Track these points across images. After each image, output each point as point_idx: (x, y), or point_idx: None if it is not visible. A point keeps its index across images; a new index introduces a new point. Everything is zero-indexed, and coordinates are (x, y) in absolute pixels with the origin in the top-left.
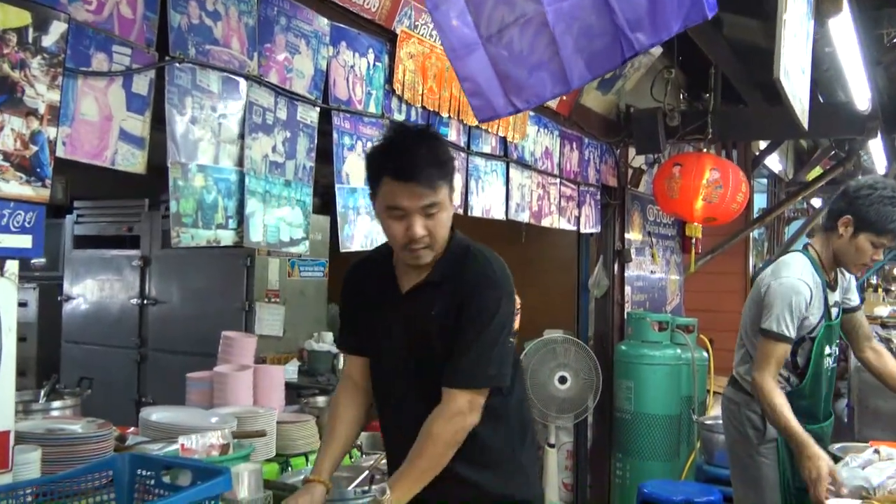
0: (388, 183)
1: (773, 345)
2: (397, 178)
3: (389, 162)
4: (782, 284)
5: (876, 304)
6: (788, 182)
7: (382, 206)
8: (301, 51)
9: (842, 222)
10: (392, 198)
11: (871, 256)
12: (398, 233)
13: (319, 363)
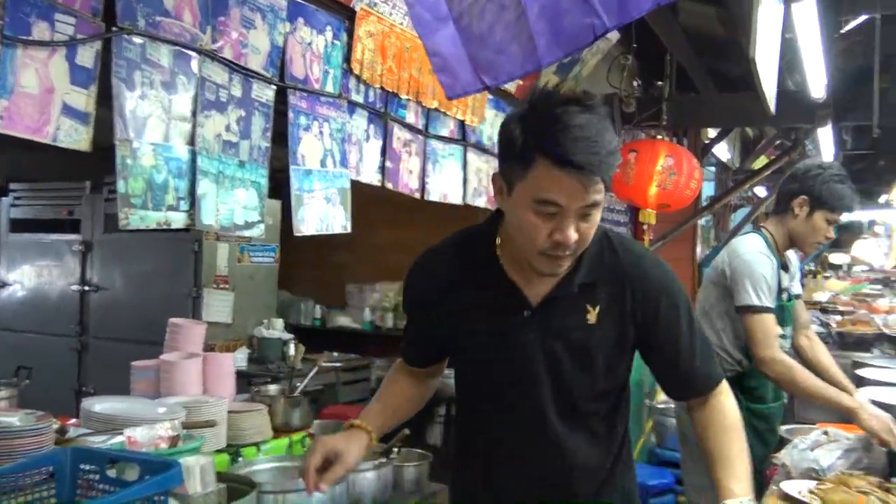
0: (546, 168)
1: (762, 318)
2: (562, 164)
3: (554, 140)
4: (747, 259)
5: (815, 290)
6: (735, 171)
7: (527, 196)
8: (257, 26)
9: (797, 203)
10: (548, 189)
11: (824, 234)
12: (541, 235)
13: (270, 351)
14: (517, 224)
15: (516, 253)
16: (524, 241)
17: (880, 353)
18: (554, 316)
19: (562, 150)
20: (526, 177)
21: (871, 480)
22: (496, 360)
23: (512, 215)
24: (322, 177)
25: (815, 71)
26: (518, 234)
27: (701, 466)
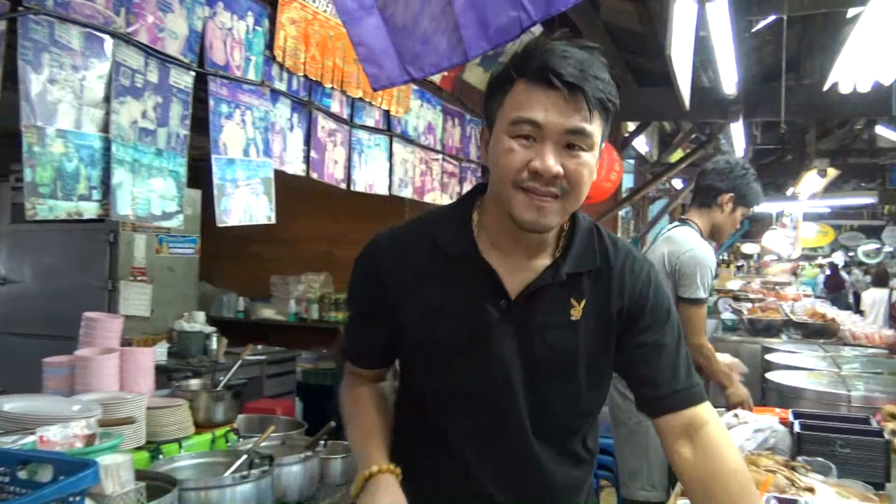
0: (524, 86)
1: (700, 310)
2: (540, 76)
3: (530, 60)
4: (698, 252)
5: (728, 279)
6: (654, 163)
7: (504, 122)
8: (174, 9)
9: (724, 199)
10: (524, 106)
11: (736, 226)
12: (516, 162)
13: (191, 344)
14: (494, 161)
15: (496, 228)
16: (501, 178)
17: (787, 338)
18: (535, 310)
19: (541, 63)
20: (503, 102)
21: (778, 459)
22: (465, 365)
23: (491, 157)
24: (245, 166)
25: (726, 68)
26: (495, 172)
27: (634, 449)
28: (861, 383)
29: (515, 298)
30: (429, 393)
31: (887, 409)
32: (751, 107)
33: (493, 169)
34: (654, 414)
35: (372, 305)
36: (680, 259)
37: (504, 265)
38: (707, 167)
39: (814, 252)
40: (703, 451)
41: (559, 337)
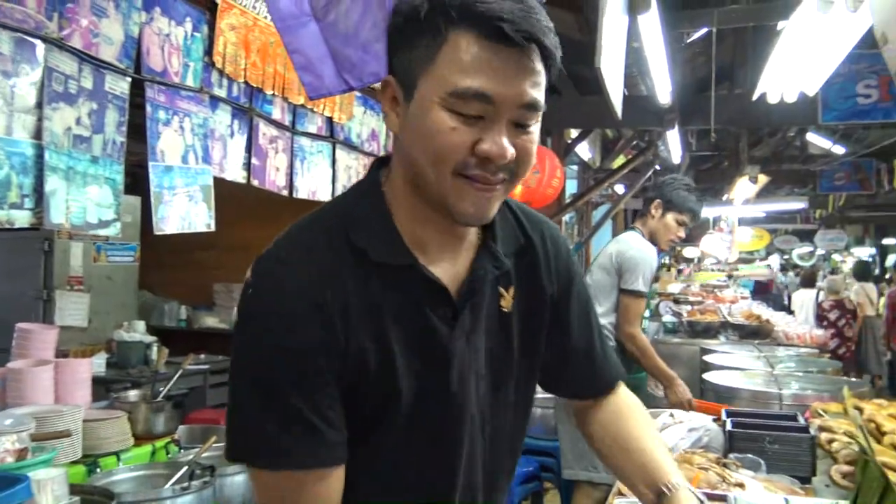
0: (467, 43)
1: (638, 301)
2: (491, 31)
3: (487, 2)
4: (640, 254)
5: (669, 282)
6: (596, 169)
7: (438, 90)
8: (109, 14)
9: (654, 206)
10: (470, 72)
11: (675, 233)
12: (459, 144)
13: (131, 355)
14: (422, 138)
15: (415, 219)
16: (435, 163)
17: (725, 339)
18: (477, 313)
19: (489, 10)
20: (435, 60)
21: (710, 457)
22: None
23: (413, 130)
24: (183, 173)
25: (660, 79)
26: (423, 154)
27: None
28: (792, 382)
29: (458, 300)
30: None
31: (815, 406)
32: (685, 115)
33: (418, 147)
34: (581, 396)
35: (325, 361)
36: (624, 255)
37: (435, 264)
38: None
39: (751, 255)
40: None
41: (495, 337)
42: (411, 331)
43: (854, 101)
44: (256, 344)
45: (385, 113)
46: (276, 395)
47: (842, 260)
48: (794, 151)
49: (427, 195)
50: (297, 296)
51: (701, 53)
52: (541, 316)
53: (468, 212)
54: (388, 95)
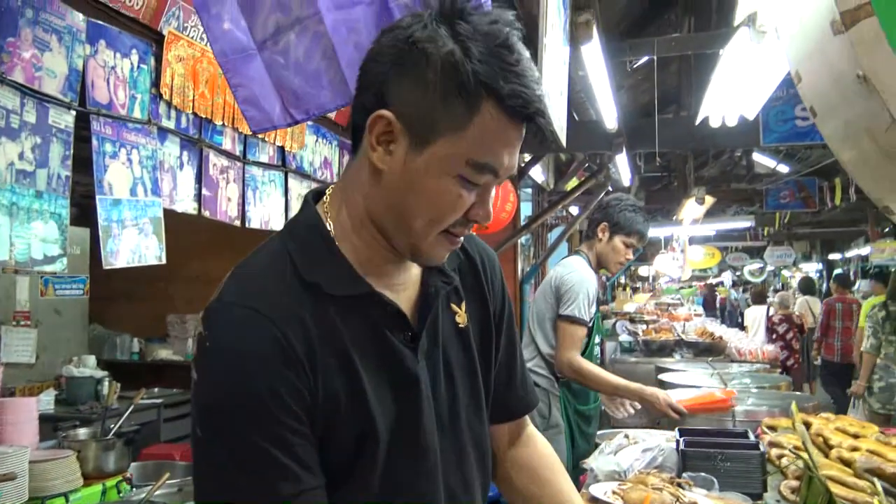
0: (496, 119)
1: (577, 328)
2: (510, 109)
3: (516, 80)
4: (578, 278)
5: (625, 302)
6: (550, 192)
7: (459, 156)
8: (52, 47)
9: (600, 228)
10: (493, 147)
11: (624, 255)
12: (456, 209)
13: (81, 390)
14: (425, 195)
15: (368, 250)
16: (427, 220)
17: (680, 357)
18: (435, 332)
19: (526, 98)
20: (465, 129)
21: (664, 477)
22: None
23: (408, 178)
24: (132, 206)
25: (606, 105)
26: (417, 206)
27: None
28: (745, 398)
29: (415, 324)
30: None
31: (765, 421)
32: (633, 139)
33: (414, 200)
34: (500, 419)
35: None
36: (564, 279)
37: (388, 290)
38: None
39: (704, 273)
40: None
41: (458, 355)
42: (376, 358)
43: (793, 123)
44: (223, 394)
45: (373, 147)
46: (249, 444)
47: (791, 275)
48: (741, 171)
49: (394, 236)
50: (259, 339)
51: (646, 79)
52: (490, 331)
53: (437, 258)
54: (379, 130)
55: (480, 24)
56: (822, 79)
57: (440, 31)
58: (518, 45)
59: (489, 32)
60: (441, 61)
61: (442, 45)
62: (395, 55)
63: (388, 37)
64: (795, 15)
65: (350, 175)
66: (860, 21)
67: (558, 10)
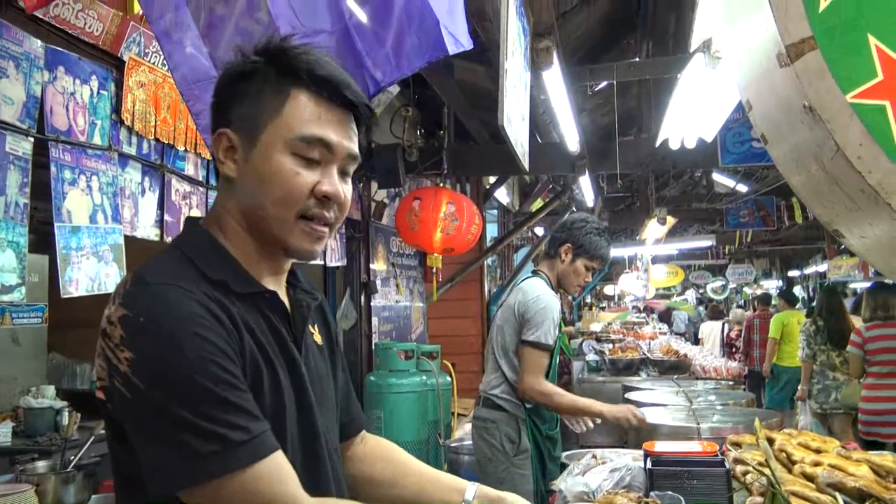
0: (308, 99)
1: (541, 354)
2: (330, 92)
3: (318, 66)
4: (543, 304)
5: (591, 321)
6: (516, 213)
7: (284, 137)
8: (10, 74)
9: (563, 249)
10: (313, 123)
11: (584, 278)
12: (304, 187)
13: (39, 422)
14: (267, 180)
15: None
16: (280, 204)
17: (646, 375)
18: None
19: (327, 76)
20: (281, 112)
21: (632, 497)
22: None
23: (253, 174)
24: (92, 233)
25: (568, 128)
26: (265, 195)
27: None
28: (710, 415)
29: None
30: None
31: (730, 438)
32: (595, 160)
33: (262, 191)
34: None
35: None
36: (527, 306)
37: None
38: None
39: (668, 291)
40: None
41: (321, 363)
42: (277, 348)
43: (749, 144)
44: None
45: (221, 162)
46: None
47: (752, 292)
48: (701, 191)
49: (264, 235)
50: (189, 305)
51: (608, 102)
52: (335, 353)
53: (305, 249)
54: (222, 146)
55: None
56: (770, 107)
57: (253, 58)
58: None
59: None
60: (251, 72)
61: (253, 61)
62: (225, 85)
63: (221, 76)
64: (744, 45)
65: (217, 200)
66: (804, 54)
67: (518, 37)
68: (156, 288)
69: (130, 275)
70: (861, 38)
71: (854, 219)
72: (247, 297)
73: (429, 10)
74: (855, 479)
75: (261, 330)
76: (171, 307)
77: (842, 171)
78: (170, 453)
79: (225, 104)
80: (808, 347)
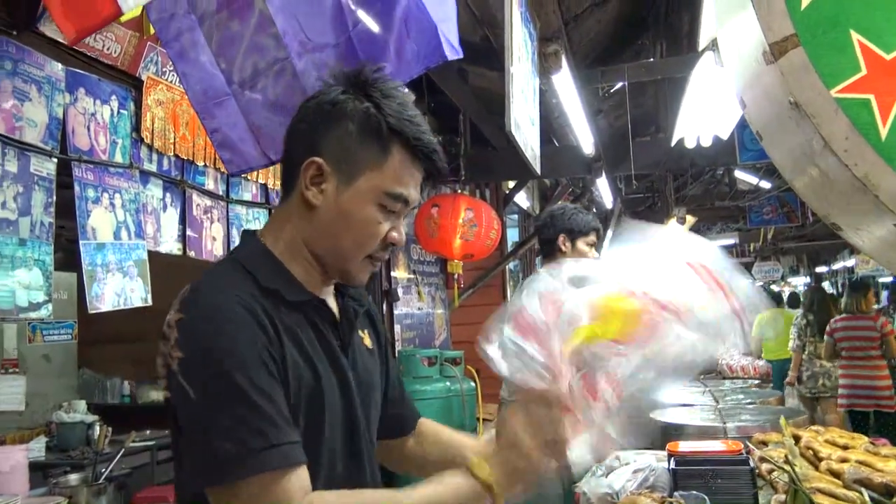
0: (403, 158)
1: None
2: (415, 154)
3: (415, 128)
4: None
5: None
6: (536, 217)
7: (377, 189)
8: (32, 97)
9: (560, 242)
10: (404, 182)
11: (591, 255)
12: (378, 233)
13: (71, 436)
14: (353, 223)
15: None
16: (355, 245)
17: None
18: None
19: (427, 144)
20: (381, 167)
21: (655, 497)
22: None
23: (339, 210)
24: (116, 250)
25: (581, 131)
26: (347, 233)
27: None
28: (737, 415)
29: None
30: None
31: (756, 437)
32: (612, 162)
33: (342, 228)
34: (397, 434)
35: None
36: None
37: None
38: (537, 226)
39: None
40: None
41: (370, 366)
42: (322, 354)
43: None
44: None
45: (306, 188)
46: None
47: (779, 290)
48: (724, 188)
49: (327, 262)
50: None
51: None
52: (385, 357)
53: (361, 280)
54: (311, 172)
55: (385, 88)
56: (762, 105)
57: (357, 95)
58: (412, 103)
59: (393, 94)
60: (360, 115)
61: (360, 103)
62: (321, 114)
63: (312, 102)
64: (734, 45)
65: (282, 215)
66: (788, 52)
67: (524, 42)
68: (209, 295)
69: (190, 283)
70: (844, 34)
71: (848, 212)
72: (297, 305)
73: (427, 17)
74: (882, 475)
75: (307, 337)
76: (220, 313)
77: (831, 165)
78: (199, 452)
79: (315, 132)
80: (798, 339)
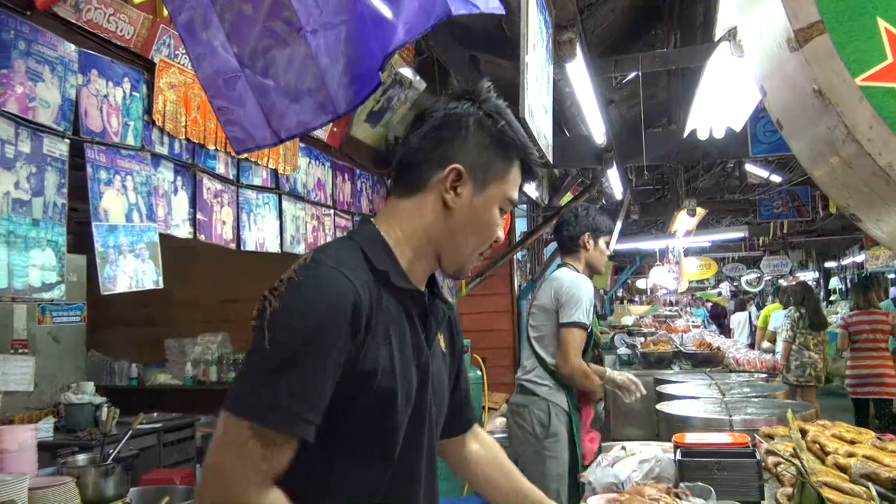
0: (520, 170)
1: (580, 333)
2: (527, 171)
3: (528, 143)
4: (577, 286)
5: (623, 315)
6: (545, 207)
7: (501, 195)
8: (45, 78)
9: (584, 240)
10: (517, 191)
11: (606, 254)
12: (496, 233)
13: (79, 417)
14: (482, 224)
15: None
16: (478, 241)
17: (678, 368)
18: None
19: (536, 156)
20: (505, 177)
21: (661, 487)
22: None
23: (472, 212)
24: (128, 232)
25: (594, 121)
26: (473, 232)
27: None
28: (743, 408)
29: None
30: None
31: (762, 430)
32: (624, 153)
33: (471, 227)
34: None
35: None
36: (563, 290)
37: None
38: (559, 222)
39: (701, 284)
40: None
41: (443, 367)
42: (409, 340)
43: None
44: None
45: (446, 190)
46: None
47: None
48: (734, 181)
49: (445, 254)
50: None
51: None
52: (456, 362)
53: (465, 274)
54: (452, 178)
55: (501, 105)
56: (783, 93)
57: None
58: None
59: (505, 111)
60: (496, 130)
61: (496, 120)
62: (458, 126)
63: (440, 113)
64: (755, 31)
65: (405, 210)
66: (813, 39)
67: (539, 30)
68: (323, 269)
69: (310, 251)
70: (870, 21)
71: (869, 203)
72: (399, 291)
73: None
74: (889, 470)
75: (399, 323)
76: (324, 285)
77: (854, 154)
78: (238, 381)
79: (452, 141)
80: (790, 330)
